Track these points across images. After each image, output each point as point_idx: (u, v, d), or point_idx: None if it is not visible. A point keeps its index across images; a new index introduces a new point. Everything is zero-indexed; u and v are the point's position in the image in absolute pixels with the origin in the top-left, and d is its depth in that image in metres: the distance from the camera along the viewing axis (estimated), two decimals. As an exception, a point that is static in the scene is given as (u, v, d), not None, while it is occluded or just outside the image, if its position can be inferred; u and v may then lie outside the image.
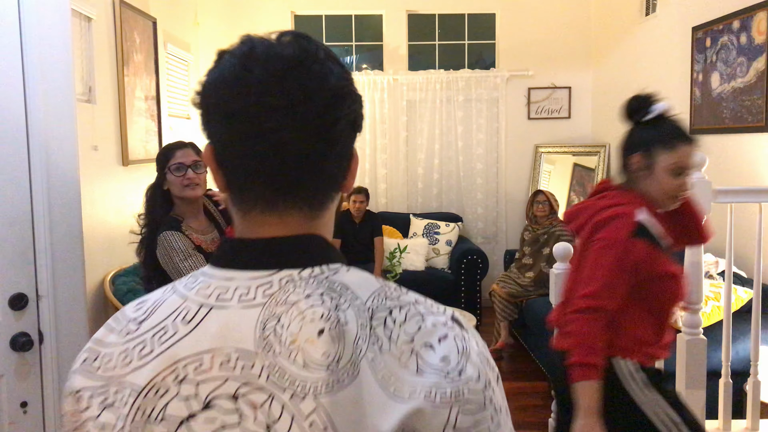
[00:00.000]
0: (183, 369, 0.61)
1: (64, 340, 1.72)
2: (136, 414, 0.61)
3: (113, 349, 0.65)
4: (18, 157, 1.60)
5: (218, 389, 0.59)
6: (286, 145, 0.62)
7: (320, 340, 0.59)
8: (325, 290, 0.62)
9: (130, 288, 3.48)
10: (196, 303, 0.64)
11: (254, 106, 0.61)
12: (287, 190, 0.65)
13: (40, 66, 1.63)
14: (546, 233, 4.53)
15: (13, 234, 1.59)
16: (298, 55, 0.62)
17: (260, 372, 0.59)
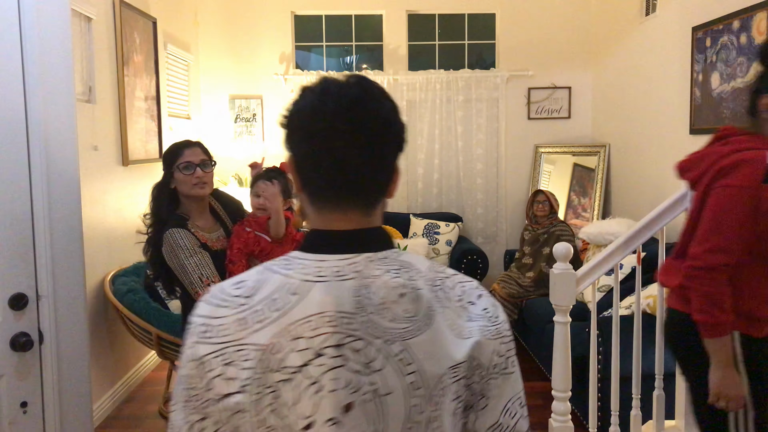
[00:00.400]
0: (297, 329, 0.81)
1: (64, 340, 1.72)
2: (258, 366, 0.80)
3: (226, 319, 0.83)
4: (18, 157, 1.60)
5: (326, 341, 0.80)
6: (348, 160, 0.84)
7: (401, 300, 0.83)
8: (396, 268, 0.86)
9: (130, 288, 3.48)
10: (298, 279, 0.84)
11: (327, 129, 0.83)
12: (348, 194, 0.86)
13: (40, 66, 1.62)
14: (546, 233, 4.53)
15: (13, 234, 1.59)
16: (360, 93, 0.85)
17: (358, 326, 0.81)
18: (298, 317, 0.81)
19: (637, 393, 2.41)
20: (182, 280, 2.04)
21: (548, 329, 3.44)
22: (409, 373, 0.81)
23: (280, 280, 0.84)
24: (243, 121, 5.76)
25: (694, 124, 3.92)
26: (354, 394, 0.80)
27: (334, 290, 0.82)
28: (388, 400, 0.80)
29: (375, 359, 0.81)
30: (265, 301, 0.83)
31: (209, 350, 0.83)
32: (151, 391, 3.88)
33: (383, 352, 0.81)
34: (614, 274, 2.41)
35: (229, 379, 0.81)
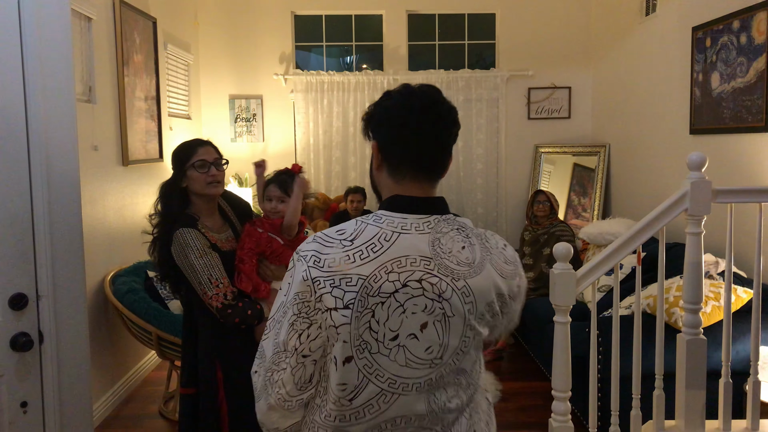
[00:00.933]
0: (390, 266, 1.10)
1: (64, 340, 1.71)
2: (362, 290, 1.08)
3: (335, 255, 1.10)
4: (18, 157, 1.60)
5: (410, 276, 1.10)
6: (428, 144, 1.17)
7: (463, 251, 1.15)
8: (458, 227, 1.18)
9: (130, 288, 3.48)
10: (389, 230, 1.13)
11: (415, 119, 1.16)
12: (423, 170, 1.18)
13: (40, 66, 1.62)
14: (546, 233, 4.52)
15: (13, 234, 1.59)
16: (436, 96, 1.19)
17: (434, 267, 1.12)
18: (391, 257, 1.11)
19: (637, 393, 2.40)
20: (191, 280, 2.02)
21: (548, 329, 3.44)
22: (468, 302, 1.14)
23: (374, 230, 1.13)
24: (243, 121, 5.76)
25: (694, 124, 3.91)
26: (429, 315, 1.12)
27: (415, 240, 1.13)
28: (452, 321, 1.13)
29: (445, 291, 1.12)
30: (365, 244, 1.11)
31: (320, 274, 1.09)
32: (151, 391, 3.88)
33: (451, 286, 1.13)
34: (614, 274, 2.41)
35: (336, 298, 1.08)
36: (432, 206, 1.18)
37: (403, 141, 1.17)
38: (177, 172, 2.11)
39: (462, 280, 1.13)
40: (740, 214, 3.23)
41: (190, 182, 2.10)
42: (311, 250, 1.12)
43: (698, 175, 2.30)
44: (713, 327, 2.76)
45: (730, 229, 2.39)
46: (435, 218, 1.16)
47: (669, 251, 3.48)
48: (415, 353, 1.12)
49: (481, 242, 1.19)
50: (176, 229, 2.01)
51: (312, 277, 1.09)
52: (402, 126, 1.17)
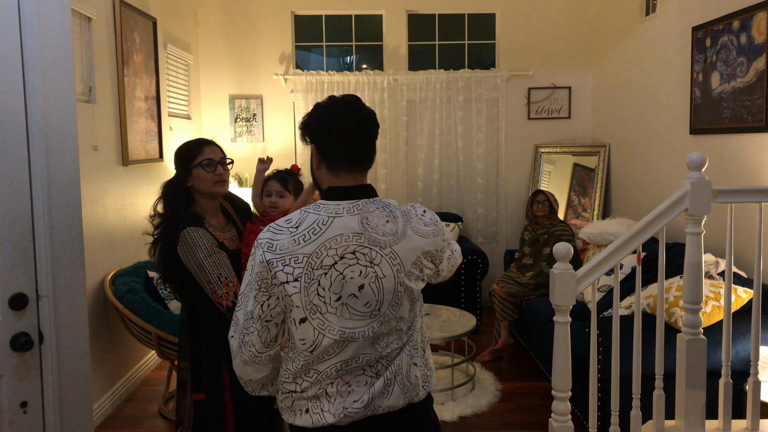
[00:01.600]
0: (328, 243, 1.38)
1: (64, 340, 1.71)
2: (306, 266, 1.37)
3: (284, 240, 1.38)
4: (18, 157, 1.60)
5: (346, 250, 1.39)
6: (358, 143, 1.46)
7: (387, 224, 1.43)
8: (382, 206, 1.46)
9: (130, 288, 3.48)
10: (325, 216, 1.41)
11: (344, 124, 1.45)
12: (357, 163, 1.47)
13: (40, 66, 1.62)
14: (546, 233, 4.52)
15: (13, 234, 1.59)
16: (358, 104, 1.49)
17: (364, 240, 1.40)
18: (329, 236, 1.39)
19: (637, 393, 2.40)
20: (199, 280, 1.99)
21: (548, 329, 3.44)
22: (395, 264, 1.43)
23: (314, 216, 1.41)
24: (243, 121, 5.76)
25: (694, 124, 3.91)
26: (365, 279, 1.41)
27: (347, 221, 1.41)
28: (384, 281, 1.42)
29: (375, 257, 1.41)
30: (307, 229, 1.39)
31: (273, 257, 1.38)
32: (151, 391, 3.88)
33: (380, 253, 1.42)
34: (614, 274, 2.41)
35: (287, 273, 1.37)
36: (361, 192, 1.46)
37: (336, 143, 1.46)
38: (182, 171, 2.09)
39: (388, 248, 1.43)
40: (740, 214, 3.23)
41: (196, 181, 2.09)
42: (266, 238, 1.41)
43: (698, 175, 2.30)
44: (713, 327, 2.76)
45: (730, 229, 2.39)
46: (363, 201, 1.45)
47: (669, 251, 3.48)
48: (357, 308, 1.41)
49: (403, 215, 1.47)
50: (182, 228, 1.99)
51: (267, 260, 1.38)
52: (333, 131, 1.45)
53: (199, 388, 2.17)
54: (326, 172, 1.47)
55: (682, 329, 2.39)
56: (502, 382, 3.94)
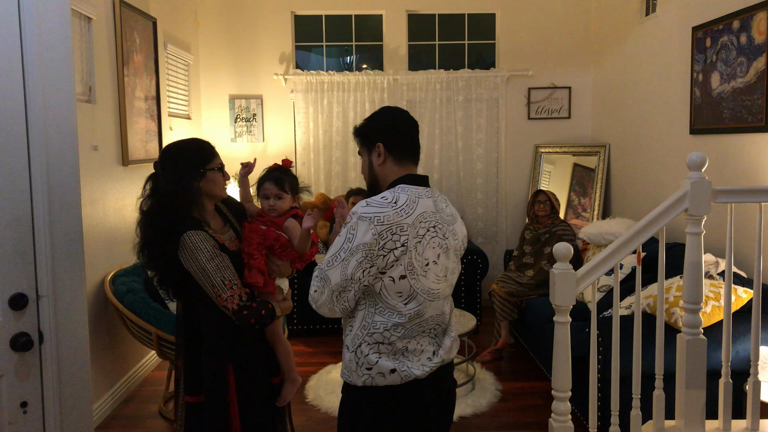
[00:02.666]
0: (420, 217, 1.71)
1: (64, 340, 1.72)
2: (410, 233, 1.67)
3: (389, 212, 1.67)
4: (18, 157, 1.60)
5: (430, 224, 1.73)
6: (416, 141, 1.90)
7: (447, 208, 1.83)
8: (439, 195, 1.85)
9: (130, 288, 3.48)
10: (414, 196, 1.73)
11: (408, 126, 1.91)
12: (415, 158, 1.89)
13: (40, 66, 1.63)
14: (548, 232, 4.52)
15: (13, 234, 1.59)
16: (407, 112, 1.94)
17: (439, 218, 1.76)
18: (419, 212, 1.71)
19: (637, 393, 2.41)
20: (203, 284, 1.96)
21: (548, 329, 3.44)
22: (456, 240, 1.81)
23: (405, 196, 1.72)
24: (243, 121, 5.76)
25: (694, 124, 3.92)
26: (440, 249, 1.75)
27: (427, 202, 1.75)
28: (450, 252, 1.79)
29: (446, 233, 1.77)
30: (404, 205, 1.70)
31: (383, 228, 1.65)
32: (151, 391, 3.88)
33: (448, 230, 1.78)
34: (614, 274, 2.41)
35: (395, 240, 1.66)
36: (425, 181, 1.84)
37: (404, 141, 1.84)
38: (193, 172, 2.01)
39: (452, 226, 1.80)
40: (740, 214, 3.23)
41: (208, 184, 2.04)
42: (373, 213, 1.67)
43: (698, 175, 2.30)
44: (713, 327, 2.76)
45: (730, 229, 2.39)
46: (430, 189, 1.81)
47: (669, 251, 3.48)
48: (437, 273, 1.74)
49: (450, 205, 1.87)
50: (182, 233, 1.93)
51: (378, 232, 1.65)
52: (403, 131, 1.85)
53: (192, 390, 2.12)
54: (394, 165, 1.81)
55: (682, 329, 2.40)
56: (502, 382, 3.94)
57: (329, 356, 4.44)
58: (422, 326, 1.74)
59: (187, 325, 2.14)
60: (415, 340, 1.73)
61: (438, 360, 1.76)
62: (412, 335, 1.73)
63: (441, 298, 1.77)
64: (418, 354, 1.73)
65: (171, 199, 1.98)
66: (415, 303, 1.70)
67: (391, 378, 1.71)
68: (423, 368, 1.73)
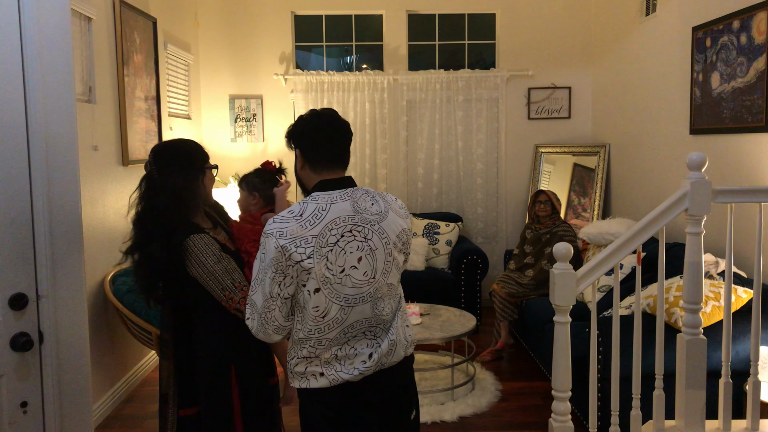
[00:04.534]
0: (330, 225, 1.66)
1: (64, 340, 1.71)
2: (316, 245, 1.63)
3: (292, 226, 1.64)
4: (18, 157, 1.60)
5: (345, 229, 1.67)
6: (335, 146, 1.77)
7: (373, 206, 1.74)
8: (365, 192, 1.76)
9: (130, 288, 3.48)
10: (323, 203, 1.69)
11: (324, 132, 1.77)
12: (334, 162, 1.76)
13: (40, 66, 1.62)
14: (549, 233, 4.52)
15: (13, 234, 1.59)
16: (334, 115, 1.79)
17: (358, 220, 1.69)
18: (329, 219, 1.68)
19: (637, 393, 2.41)
20: (211, 288, 1.91)
21: (548, 329, 3.44)
22: (384, 238, 1.73)
23: (314, 205, 1.69)
24: (243, 121, 5.76)
25: (694, 124, 3.91)
26: (361, 252, 1.70)
27: (342, 205, 1.70)
28: (376, 252, 1.72)
29: (368, 234, 1.71)
30: (311, 215, 1.67)
31: (286, 242, 1.64)
32: (151, 391, 3.88)
33: (371, 230, 1.71)
34: (614, 274, 2.41)
35: (300, 253, 1.63)
36: (346, 183, 1.77)
37: (317, 147, 1.77)
38: (194, 171, 1.98)
39: (377, 225, 1.73)
40: (740, 214, 3.22)
41: (208, 182, 2.03)
42: (275, 228, 1.66)
43: (698, 175, 2.30)
44: (713, 327, 2.76)
45: (730, 229, 2.39)
46: (350, 189, 1.75)
47: (669, 251, 3.48)
48: (357, 278, 1.70)
49: (383, 198, 1.79)
50: (183, 238, 1.90)
51: (281, 245, 1.64)
52: (319, 137, 1.77)
53: (187, 403, 2.03)
54: (311, 172, 1.78)
55: (682, 329, 2.40)
56: (502, 382, 3.94)
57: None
58: (348, 332, 1.70)
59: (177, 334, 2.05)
60: (348, 345, 1.71)
61: (372, 363, 1.72)
62: (340, 343, 1.70)
63: (366, 301, 1.70)
64: (351, 358, 1.71)
65: (176, 198, 1.94)
66: (333, 314, 1.67)
67: (321, 381, 1.71)
68: (353, 371, 1.70)
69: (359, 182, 5.66)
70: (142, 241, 1.98)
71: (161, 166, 1.98)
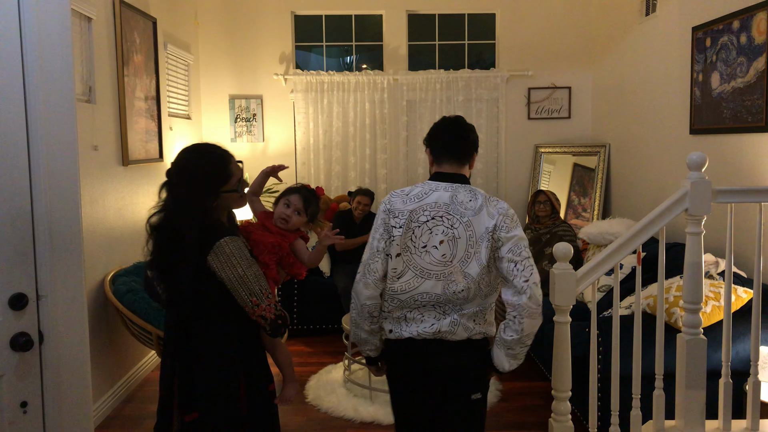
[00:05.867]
0: (425, 206, 2.04)
1: (64, 340, 1.71)
2: (407, 219, 2.03)
3: (397, 200, 2.07)
4: (18, 157, 1.60)
5: (436, 213, 2.03)
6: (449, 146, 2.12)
7: (470, 203, 2.03)
8: (469, 190, 2.07)
9: (130, 288, 3.48)
10: (428, 189, 2.07)
11: (442, 133, 2.15)
12: (450, 159, 2.11)
13: (40, 66, 1.62)
14: (549, 233, 4.52)
15: (13, 234, 1.59)
16: (457, 119, 2.18)
17: (449, 210, 2.02)
18: (427, 202, 2.03)
19: (637, 393, 2.41)
20: (237, 292, 1.88)
21: (548, 329, 3.44)
22: (469, 231, 1.99)
23: (420, 188, 2.07)
24: (243, 121, 5.76)
25: (694, 124, 3.92)
26: (445, 236, 1.99)
27: (442, 194, 2.03)
28: (459, 241, 1.99)
29: (455, 223, 1.99)
30: (414, 195, 2.05)
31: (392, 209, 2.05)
32: (151, 391, 3.88)
33: (459, 221, 1.99)
34: (614, 274, 2.42)
35: (396, 220, 2.03)
36: (454, 178, 2.08)
37: (438, 146, 2.13)
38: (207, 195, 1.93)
39: (467, 218, 2.00)
40: (740, 214, 3.23)
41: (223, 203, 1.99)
42: (388, 199, 2.09)
43: (698, 175, 2.30)
44: (713, 327, 2.76)
45: (730, 229, 2.39)
46: (456, 184, 2.06)
47: (669, 251, 3.48)
48: (435, 257, 1.99)
49: (485, 198, 2.03)
50: (219, 239, 1.87)
51: (387, 209, 2.06)
52: (439, 138, 2.14)
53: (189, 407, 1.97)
54: (432, 164, 2.16)
55: (682, 329, 2.40)
56: (502, 382, 3.94)
57: (329, 356, 4.43)
58: (418, 300, 2.00)
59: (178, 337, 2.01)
60: (417, 311, 2.02)
61: (432, 330, 2.00)
62: (410, 307, 2.02)
63: (439, 279, 1.98)
64: (417, 322, 2.02)
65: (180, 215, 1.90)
66: (406, 278, 2.00)
67: (390, 336, 2.08)
68: (415, 331, 2.02)
69: (359, 182, 5.67)
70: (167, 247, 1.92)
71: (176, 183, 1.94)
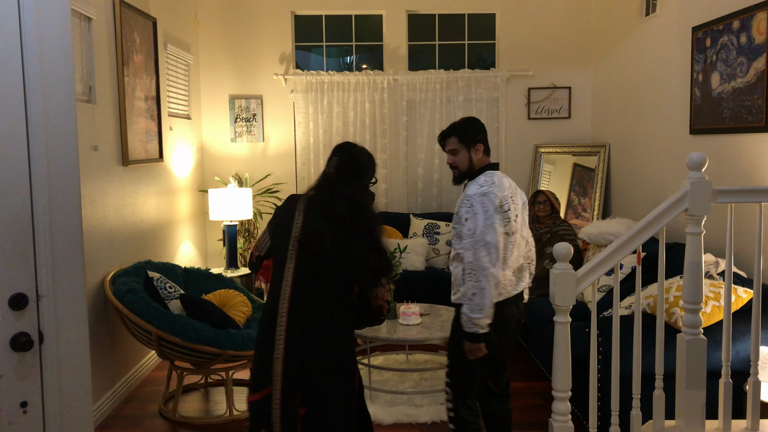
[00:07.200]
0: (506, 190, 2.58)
1: (64, 340, 1.71)
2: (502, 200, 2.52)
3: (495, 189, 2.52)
4: (18, 157, 1.60)
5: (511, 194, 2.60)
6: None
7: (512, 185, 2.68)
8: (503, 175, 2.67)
9: (130, 288, 3.48)
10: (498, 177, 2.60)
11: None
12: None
13: (40, 66, 1.62)
14: (549, 232, 4.52)
15: (13, 234, 1.59)
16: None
17: (514, 190, 2.66)
18: (505, 187, 2.56)
19: (637, 393, 2.41)
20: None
21: (548, 329, 3.44)
22: (524, 208, 2.67)
23: (495, 178, 2.56)
24: (243, 121, 5.76)
25: (694, 124, 3.91)
26: (518, 211, 2.59)
27: (504, 179, 2.61)
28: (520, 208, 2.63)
29: (516, 199, 2.60)
30: (498, 183, 2.54)
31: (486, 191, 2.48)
32: (151, 391, 3.88)
33: (519, 197, 2.65)
34: (614, 274, 2.42)
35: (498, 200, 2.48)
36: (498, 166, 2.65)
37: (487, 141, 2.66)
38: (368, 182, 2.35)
39: (517, 195, 2.61)
40: (740, 214, 3.22)
41: None
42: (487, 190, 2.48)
43: (698, 175, 2.30)
44: (713, 327, 2.76)
45: (730, 229, 2.39)
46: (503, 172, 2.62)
47: (669, 251, 3.48)
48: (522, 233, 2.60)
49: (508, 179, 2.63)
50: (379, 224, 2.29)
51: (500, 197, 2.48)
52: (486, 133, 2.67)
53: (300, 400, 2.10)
54: (485, 156, 2.64)
55: (682, 329, 2.40)
56: (502, 382, 3.93)
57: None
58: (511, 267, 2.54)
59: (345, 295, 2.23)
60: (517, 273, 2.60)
61: (524, 285, 2.67)
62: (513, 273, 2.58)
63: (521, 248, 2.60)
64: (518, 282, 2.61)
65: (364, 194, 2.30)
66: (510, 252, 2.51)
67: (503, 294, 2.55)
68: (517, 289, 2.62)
69: (359, 182, 5.65)
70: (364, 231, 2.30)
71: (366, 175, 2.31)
